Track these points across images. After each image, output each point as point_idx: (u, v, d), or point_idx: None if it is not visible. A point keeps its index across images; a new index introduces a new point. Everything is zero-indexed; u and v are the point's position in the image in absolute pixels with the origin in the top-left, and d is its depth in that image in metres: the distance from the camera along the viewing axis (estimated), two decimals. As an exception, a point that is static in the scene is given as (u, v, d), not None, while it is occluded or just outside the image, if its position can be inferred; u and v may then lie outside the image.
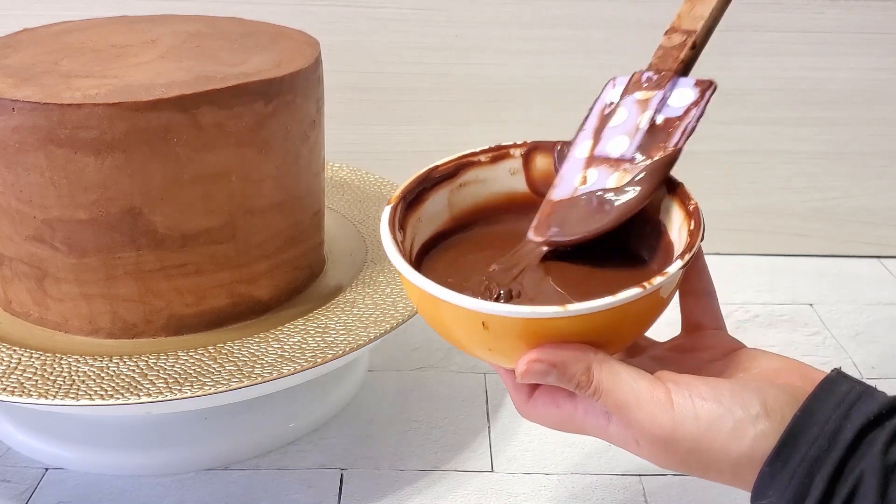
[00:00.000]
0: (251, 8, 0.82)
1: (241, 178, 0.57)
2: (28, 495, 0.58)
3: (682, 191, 0.43)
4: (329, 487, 0.58)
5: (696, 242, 0.39)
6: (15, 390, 0.51)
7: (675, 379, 0.38)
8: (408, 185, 0.44)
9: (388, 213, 0.42)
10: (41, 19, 0.70)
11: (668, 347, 0.45)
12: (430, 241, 0.45)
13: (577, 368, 0.37)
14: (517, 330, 0.37)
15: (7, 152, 0.54)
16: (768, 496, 0.36)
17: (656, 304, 0.39)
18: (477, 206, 0.47)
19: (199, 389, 0.51)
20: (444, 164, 0.46)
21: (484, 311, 0.36)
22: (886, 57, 0.86)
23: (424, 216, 0.45)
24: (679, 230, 0.41)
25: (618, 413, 0.38)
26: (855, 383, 0.37)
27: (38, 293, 0.58)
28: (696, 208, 0.41)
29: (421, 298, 0.39)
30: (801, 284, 0.87)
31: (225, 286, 0.59)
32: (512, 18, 0.85)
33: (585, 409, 0.40)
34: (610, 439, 0.40)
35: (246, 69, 0.57)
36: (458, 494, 0.58)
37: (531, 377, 0.38)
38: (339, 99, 0.78)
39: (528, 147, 0.47)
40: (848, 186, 0.91)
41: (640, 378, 0.38)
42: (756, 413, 0.36)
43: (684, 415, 0.36)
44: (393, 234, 0.41)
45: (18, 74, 0.55)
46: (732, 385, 0.37)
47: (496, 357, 0.39)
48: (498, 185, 0.47)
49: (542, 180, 0.46)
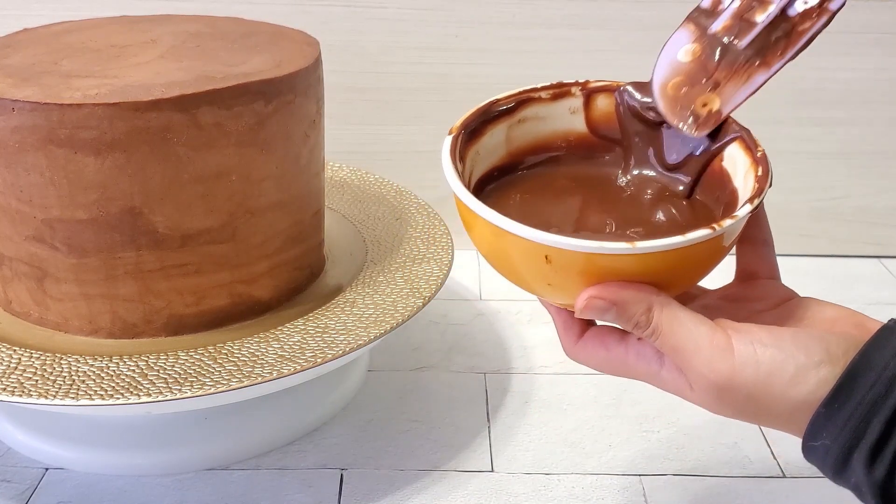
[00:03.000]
0: (251, 8, 0.82)
1: (241, 178, 0.57)
2: (28, 495, 0.58)
3: (748, 137, 0.42)
4: (329, 487, 0.58)
5: (765, 188, 0.39)
6: (15, 390, 0.51)
7: (735, 326, 0.38)
8: (469, 116, 0.44)
9: (450, 142, 0.42)
10: (41, 19, 0.70)
11: (720, 296, 0.45)
12: (486, 176, 0.44)
13: (637, 308, 0.37)
14: (580, 265, 0.36)
15: (7, 152, 0.54)
16: (822, 438, 0.36)
17: (720, 249, 0.38)
18: (535, 144, 0.46)
19: (199, 389, 0.51)
20: (505, 98, 0.45)
21: (548, 244, 0.36)
22: (887, 57, 0.86)
23: (483, 150, 0.44)
24: (745, 177, 0.41)
25: (675, 356, 0.38)
26: None
27: (38, 293, 0.58)
28: (764, 155, 0.40)
29: (483, 229, 0.38)
30: (801, 284, 0.86)
31: (225, 286, 0.59)
32: (512, 18, 0.84)
33: (637, 352, 0.40)
34: (661, 384, 0.40)
35: (246, 69, 0.57)
36: (458, 494, 0.58)
37: (590, 313, 0.37)
38: (339, 99, 0.78)
39: (589, 87, 0.45)
40: (848, 186, 0.91)
41: (700, 323, 0.37)
42: (819, 359, 0.36)
43: (744, 361, 0.36)
44: (455, 163, 0.41)
45: (18, 74, 0.55)
46: (795, 332, 0.37)
47: (555, 292, 0.39)
48: (557, 123, 0.46)
49: (602, 122, 0.46)
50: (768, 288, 0.44)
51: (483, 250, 0.41)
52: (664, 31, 0.45)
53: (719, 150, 0.43)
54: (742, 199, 0.40)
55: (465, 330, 0.77)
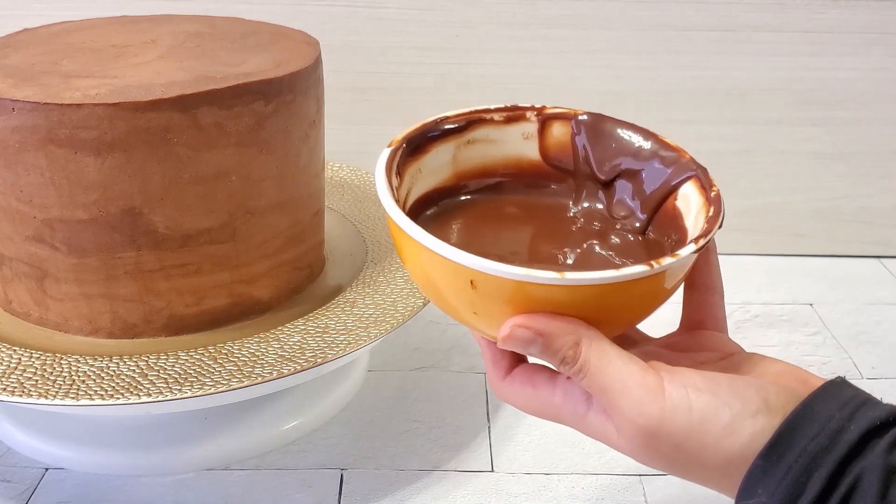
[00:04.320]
0: (251, 8, 0.82)
1: (241, 178, 0.57)
2: (28, 495, 0.58)
3: (703, 176, 0.40)
4: (329, 487, 0.58)
5: (713, 230, 0.37)
6: (15, 390, 0.51)
7: (668, 368, 0.35)
8: (413, 130, 0.41)
9: (387, 155, 0.39)
10: (41, 19, 0.70)
11: (662, 344, 0.42)
12: (427, 196, 0.42)
13: (564, 341, 0.34)
14: (507, 293, 0.34)
15: (7, 152, 0.54)
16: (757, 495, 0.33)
17: (660, 290, 0.36)
18: (483, 167, 0.44)
19: (199, 389, 0.51)
20: (455, 116, 0.43)
21: (474, 268, 0.34)
22: (887, 57, 0.86)
23: (425, 167, 0.42)
24: (696, 217, 0.39)
25: (602, 397, 0.35)
26: (859, 391, 0.35)
27: (38, 293, 0.58)
28: (718, 195, 0.39)
29: (410, 248, 0.36)
30: (801, 284, 0.87)
31: (225, 286, 0.59)
32: (512, 18, 0.84)
33: (564, 393, 0.37)
34: (586, 430, 0.37)
35: (246, 69, 0.57)
36: (458, 494, 0.58)
37: (514, 344, 0.35)
38: (339, 99, 0.78)
39: (545, 113, 0.44)
40: (848, 186, 0.91)
41: (631, 362, 0.35)
42: (756, 408, 0.33)
43: (676, 405, 0.34)
44: (389, 177, 0.38)
45: (18, 74, 0.55)
46: (732, 379, 0.35)
47: (481, 322, 0.36)
48: (509, 147, 0.44)
49: (556, 150, 0.44)
50: (714, 340, 0.41)
51: (410, 271, 0.38)
52: (664, 31, 0.45)
53: (674, 188, 0.41)
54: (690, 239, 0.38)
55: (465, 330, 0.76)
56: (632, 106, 0.86)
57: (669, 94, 0.86)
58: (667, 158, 0.42)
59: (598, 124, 0.43)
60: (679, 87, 0.86)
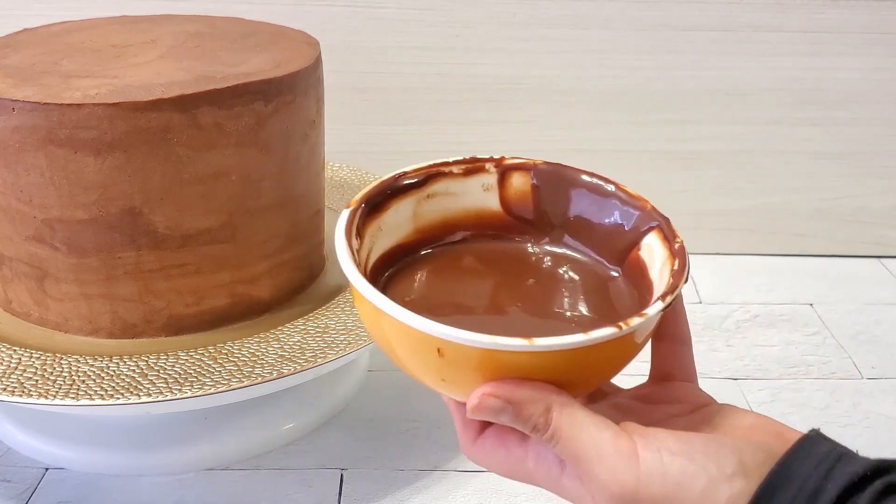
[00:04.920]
0: (251, 8, 0.82)
1: (241, 178, 0.57)
2: (28, 495, 0.58)
3: (667, 227, 0.40)
4: (329, 487, 0.58)
5: (680, 284, 0.36)
6: (15, 390, 0.51)
7: (642, 432, 0.34)
8: (371, 189, 0.41)
9: (346, 217, 0.39)
10: (41, 19, 0.70)
11: (632, 396, 0.42)
12: (389, 254, 0.42)
13: (535, 409, 0.34)
14: (475, 360, 0.34)
15: (7, 152, 0.54)
16: None
17: (629, 348, 0.36)
18: (444, 220, 0.43)
19: (199, 389, 0.51)
20: (413, 172, 0.42)
21: (441, 337, 0.33)
22: (887, 57, 0.86)
23: (385, 225, 0.41)
24: (661, 270, 0.39)
25: (575, 464, 0.35)
26: (835, 444, 0.34)
27: (38, 293, 0.58)
28: (682, 247, 0.38)
29: (371, 314, 0.35)
30: (801, 284, 0.87)
31: (225, 286, 0.59)
32: (512, 18, 0.85)
33: (537, 455, 0.36)
34: (561, 493, 0.36)
35: (246, 69, 0.57)
36: (458, 494, 0.58)
37: (483, 413, 0.34)
38: (339, 99, 0.78)
39: (504, 164, 0.43)
40: (848, 186, 0.91)
41: (603, 428, 0.34)
42: (732, 471, 0.33)
43: (651, 471, 0.33)
44: (349, 240, 0.38)
45: (18, 74, 0.55)
46: (706, 440, 0.34)
47: (449, 388, 0.36)
48: (469, 199, 0.43)
49: (516, 201, 0.43)
50: (684, 391, 0.41)
51: (374, 337, 0.37)
52: (664, 31, 0.45)
53: (637, 238, 0.41)
54: (656, 293, 0.37)
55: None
56: (632, 106, 0.86)
57: (669, 94, 0.86)
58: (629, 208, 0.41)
59: (558, 173, 0.43)
60: (679, 87, 0.86)
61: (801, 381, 0.72)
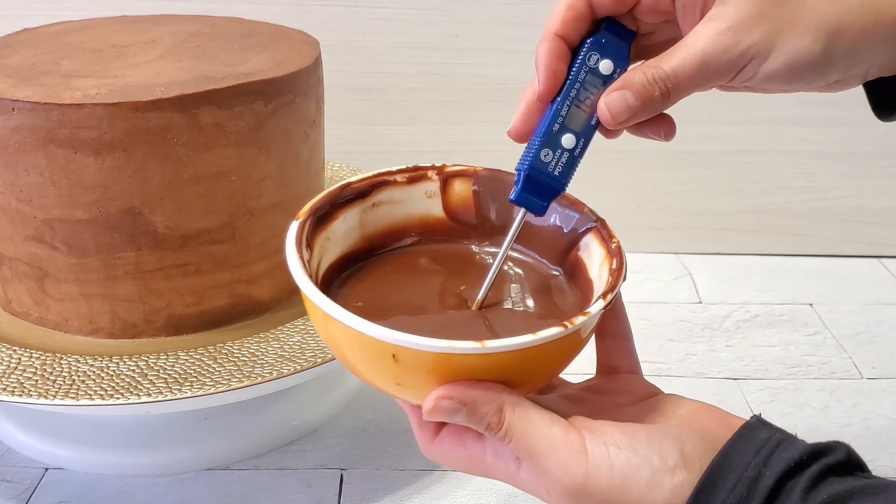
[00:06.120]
0: (251, 8, 0.82)
1: (241, 178, 0.57)
2: (28, 495, 0.58)
3: (603, 228, 0.41)
4: (329, 487, 0.58)
5: (619, 283, 0.38)
6: (15, 390, 0.51)
7: (589, 426, 0.36)
8: (317, 201, 0.42)
9: (296, 228, 0.40)
10: (41, 19, 0.70)
11: (582, 388, 0.43)
12: (338, 263, 0.43)
13: (487, 409, 0.36)
14: (429, 364, 0.35)
15: (7, 152, 0.54)
16: None
17: (575, 344, 0.38)
18: (390, 228, 0.45)
19: (199, 389, 0.51)
20: (358, 182, 0.43)
21: (395, 343, 0.34)
22: (886, 57, 0.86)
23: (333, 235, 0.42)
24: (600, 269, 0.40)
25: (528, 459, 0.36)
26: (774, 430, 0.36)
27: (38, 293, 0.58)
28: (619, 247, 0.40)
29: (326, 323, 0.37)
30: (801, 284, 0.87)
31: (225, 286, 0.59)
32: (512, 18, 0.84)
33: (495, 451, 0.38)
34: (520, 485, 0.38)
35: (246, 69, 0.57)
36: (458, 494, 0.58)
37: (438, 415, 0.36)
38: (339, 99, 0.78)
39: (446, 171, 0.45)
40: (848, 186, 0.91)
41: (553, 423, 0.36)
42: (674, 463, 0.34)
43: (598, 464, 0.35)
44: (299, 251, 0.39)
45: (18, 74, 0.55)
46: (650, 432, 0.36)
47: (405, 391, 0.37)
48: (413, 207, 0.45)
49: (459, 206, 0.45)
50: (630, 382, 0.42)
51: (329, 345, 0.39)
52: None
53: (575, 239, 0.42)
54: (597, 292, 0.39)
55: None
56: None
57: (669, 94, 0.86)
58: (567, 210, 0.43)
59: (499, 179, 0.45)
60: (679, 87, 0.86)
61: (801, 381, 0.72)
